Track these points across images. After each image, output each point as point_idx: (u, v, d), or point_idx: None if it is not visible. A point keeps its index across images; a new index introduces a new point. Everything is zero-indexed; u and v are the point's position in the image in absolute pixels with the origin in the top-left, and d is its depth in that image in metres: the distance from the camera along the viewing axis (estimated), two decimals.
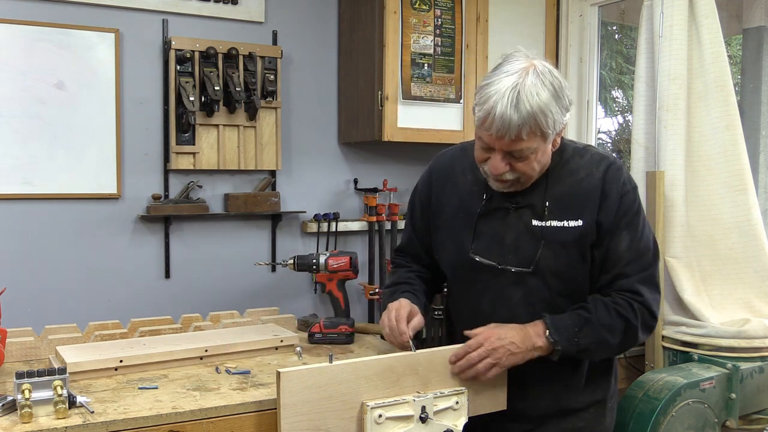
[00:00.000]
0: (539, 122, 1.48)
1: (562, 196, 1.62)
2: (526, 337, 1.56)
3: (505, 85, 1.48)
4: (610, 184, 1.61)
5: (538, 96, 1.47)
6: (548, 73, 1.51)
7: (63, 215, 2.71)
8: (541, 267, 1.61)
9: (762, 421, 2.48)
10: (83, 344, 1.95)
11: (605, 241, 1.60)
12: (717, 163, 2.69)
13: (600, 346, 1.60)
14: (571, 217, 1.61)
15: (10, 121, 2.60)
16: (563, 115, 1.53)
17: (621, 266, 1.60)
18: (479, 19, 3.18)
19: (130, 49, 2.80)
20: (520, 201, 1.64)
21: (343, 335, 2.18)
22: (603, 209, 1.60)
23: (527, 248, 1.62)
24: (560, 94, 1.51)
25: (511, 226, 1.65)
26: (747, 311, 2.65)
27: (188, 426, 1.51)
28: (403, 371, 1.54)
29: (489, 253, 1.66)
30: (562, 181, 1.63)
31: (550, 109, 1.48)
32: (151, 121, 2.85)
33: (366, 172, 3.31)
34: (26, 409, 1.42)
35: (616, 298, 1.60)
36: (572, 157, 1.66)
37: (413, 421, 1.52)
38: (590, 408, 1.72)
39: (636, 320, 1.59)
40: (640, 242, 1.62)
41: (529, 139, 1.50)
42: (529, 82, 1.47)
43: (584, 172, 1.63)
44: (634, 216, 1.62)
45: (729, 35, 3.20)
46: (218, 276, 3.00)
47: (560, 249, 1.61)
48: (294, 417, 1.42)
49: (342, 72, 3.22)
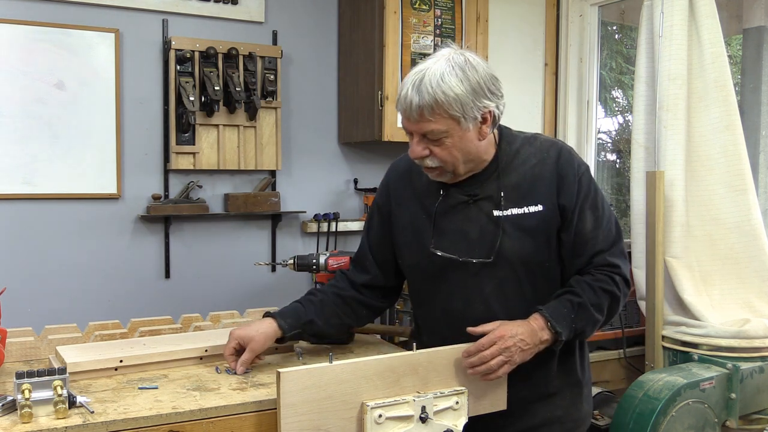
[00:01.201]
0: (441, 103, 1.52)
1: (518, 184, 1.65)
2: (533, 332, 1.57)
3: (415, 71, 1.57)
4: (565, 167, 1.65)
5: (441, 79, 1.52)
6: (464, 62, 1.55)
7: (63, 215, 2.71)
8: (506, 256, 1.63)
9: (762, 421, 2.48)
10: (83, 344, 1.95)
11: (572, 224, 1.63)
12: (717, 163, 2.69)
13: (593, 326, 1.65)
14: (531, 203, 1.63)
15: (10, 121, 2.60)
16: (479, 102, 1.54)
17: (593, 245, 1.64)
18: (479, 19, 3.18)
19: (130, 49, 2.80)
20: (478, 193, 1.66)
21: None
22: (563, 192, 1.63)
23: (492, 239, 1.64)
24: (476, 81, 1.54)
25: (473, 219, 1.66)
26: (747, 311, 2.65)
27: (188, 426, 1.51)
28: (403, 371, 1.54)
29: (454, 248, 1.66)
30: (516, 170, 1.66)
31: (455, 93, 1.51)
32: (151, 121, 2.85)
33: (366, 172, 3.31)
34: (26, 409, 1.42)
35: (596, 275, 1.64)
36: (522, 146, 1.69)
37: (413, 421, 1.52)
38: (566, 394, 1.73)
39: (619, 292, 1.65)
40: (603, 219, 1.66)
41: (436, 121, 1.54)
42: (435, 67, 1.54)
43: (536, 158, 1.66)
44: (594, 195, 1.66)
45: (729, 35, 3.20)
46: (218, 276, 3.00)
47: (523, 236, 1.63)
48: (294, 417, 1.42)
49: (342, 72, 3.22)
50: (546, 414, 1.71)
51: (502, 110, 1.61)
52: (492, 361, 1.55)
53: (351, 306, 1.86)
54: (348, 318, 1.87)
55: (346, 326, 1.92)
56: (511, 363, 1.56)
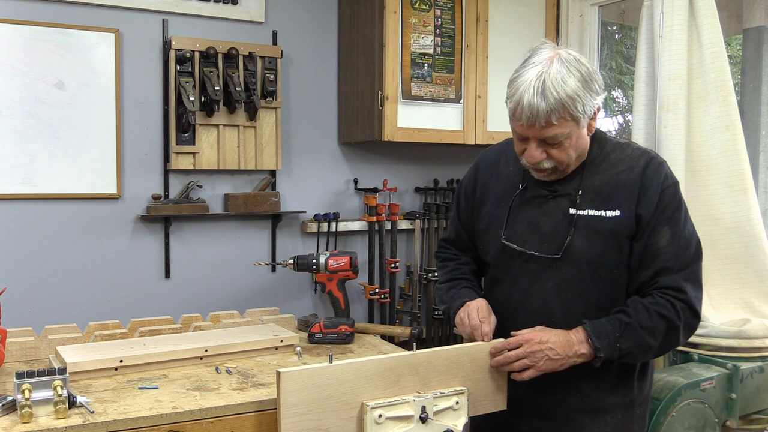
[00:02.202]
0: (567, 107, 1.51)
1: (600, 186, 1.63)
2: (568, 344, 1.56)
3: (531, 76, 1.53)
4: (650, 177, 1.61)
5: (563, 81, 1.50)
6: (574, 60, 1.54)
7: (63, 215, 2.71)
8: (574, 254, 1.61)
9: (762, 421, 2.48)
10: (83, 344, 1.95)
11: (645, 235, 1.59)
12: (717, 163, 2.69)
13: (641, 349, 1.58)
14: (609, 207, 1.61)
15: (10, 121, 2.60)
16: (593, 98, 1.55)
17: (662, 262, 1.58)
18: (479, 19, 3.18)
19: (130, 49, 2.80)
20: (559, 189, 1.66)
21: (343, 335, 2.18)
22: (642, 201, 1.59)
23: (563, 236, 1.63)
24: (588, 78, 1.54)
25: (549, 214, 1.66)
26: (747, 311, 2.64)
27: (188, 426, 1.51)
28: (403, 371, 1.54)
29: (524, 240, 1.67)
30: (602, 172, 1.64)
31: (577, 94, 1.51)
32: (151, 121, 2.85)
33: (366, 172, 3.31)
34: (26, 409, 1.42)
35: (657, 299, 1.58)
36: (613, 151, 1.67)
37: (413, 421, 1.52)
38: (618, 413, 1.67)
39: (679, 320, 1.57)
40: (681, 238, 1.60)
41: (560, 124, 1.53)
42: (554, 69, 1.52)
43: (624, 165, 1.64)
44: (675, 211, 1.61)
45: (729, 35, 3.20)
46: (218, 276, 3.00)
47: (595, 237, 1.61)
48: (294, 417, 1.42)
49: (342, 72, 3.22)
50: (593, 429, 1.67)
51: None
52: (515, 362, 1.57)
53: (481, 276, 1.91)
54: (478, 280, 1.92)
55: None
56: (536, 369, 1.56)
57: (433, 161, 3.44)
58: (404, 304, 3.34)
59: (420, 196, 3.44)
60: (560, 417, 1.67)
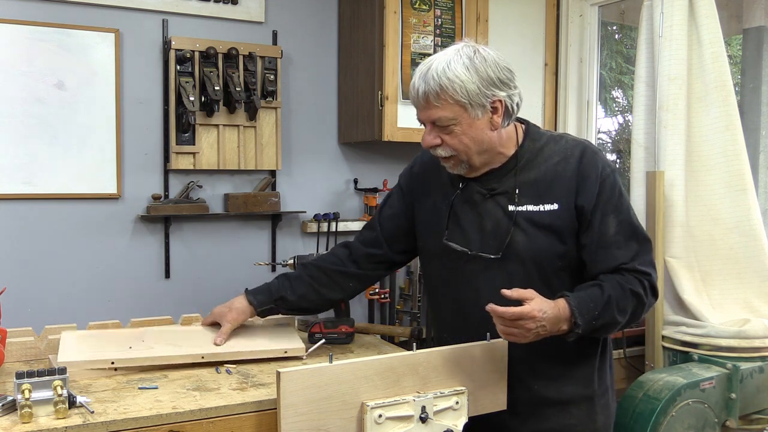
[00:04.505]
0: (445, 89, 1.54)
1: (536, 181, 1.63)
2: (557, 319, 1.51)
3: (423, 62, 1.61)
4: (587, 168, 1.61)
5: (447, 66, 1.54)
6: (473, 52, 1.57)
7: (63, 215, 2.71)
8: (517, 251, 1.62)
9: (762, 421, 2.48)
10: (85, 332, 1.94)
11: (593, 226, 1.59)
12: (717, 163, 2.69)
13: (611, 327, 1.59)
14: (547, 201, 1.61)
15: (10, 121, 2.60)
16: (487, 90, 1.55)
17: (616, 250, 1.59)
18: (479, 19, 3.17)
19: (130, 49, 2.80)
20: (496, 187, 1.66)
21: (343, 335, 2.18)
22: (582, 193, 1.60)
23: (504, 234, 1.63)
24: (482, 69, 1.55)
25: (489, 214, 1.66)
26: (747, 311, 2.65)
27: (188, 426, 1.51)
28: (403, 371, 1.54)
29: (468, 241, 1.67)
30: (537, 167, 1.64)
31: (460, 78, 1.53)
32: (151, 121, 2.85)
33: (366, 172, 3.31)
34: (26, 409, 1.42)
35: (627, 276, 1.59)
36: (547, 144, 1.67)
37: (413, 421, 1.52)
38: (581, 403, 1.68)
39: (646, 297, 1.59)
40: (629, 224, 1.61)
41: (442, 107, 1.56)
42: (441, 56, 1.58)
43: (559, 157, 1.64)
44: (618, 199, 1.61)
45: (729, 35, 3.20)
46: (218, 276, 3.00)
47: (536, 232, 1.61)
48: (294, 417, 1.42)
49: (342, 72, 3.22)
50: (559, 420, 1.67)
51: (516, 102, 1.60)
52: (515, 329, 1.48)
53: (334, 279, 1.90)
54: (330, 291, 1.90)
55: (328, 300, 1.93)
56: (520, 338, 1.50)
57: None
58: (404, 304, 3.34)
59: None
60: (525, 411, 1.67)
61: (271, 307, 1.89)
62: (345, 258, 1.91)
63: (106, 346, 1.85)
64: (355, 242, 1.93)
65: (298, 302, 1.89)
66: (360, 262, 1.89)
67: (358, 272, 1.90)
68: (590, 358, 1.69)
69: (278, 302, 1.88)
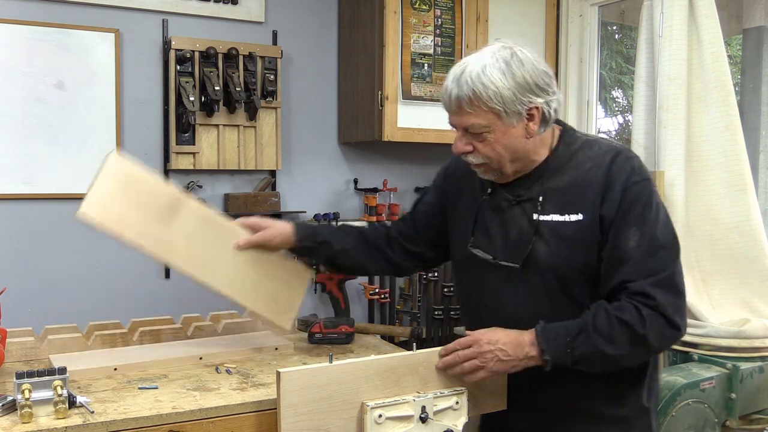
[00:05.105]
0: (479, 95, 1.47)
1: (565, 189, 1.54)
2: (519, 345, 1.49)
3: (457, 64, 1.54)
4: (615, 175, 1.50)
5: (482, 71, 1.47)
6: (510, 55, 1.49)
7: (63, 215, 2.71)
8: (537, 263, 1.54)
9: (762, 421, 2.48)
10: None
11: (611, 237, 1.48)
12: (717, 163, 2.69)
13: (598, 357, 1.47)
14: (573, 211, 1.52)
15: (11, 121, 2.60)
16: (524, 96, 1.48)
17: (630, 266, 1.46)
18: (479, 19, 3.18)
19: (130, 49, 2.80)
20: (522, 194, 1.59)
21: (343, 335, 2.18)
22: (606, 202, 1.49)
23: (526, 242, 1.56)
24: (519, 74, 1.47)
25: (514, 221, 1.59)
26: (747, 311, 2.64)
27: (188, 426, 1.51)
28: (403, 371, 1.54)
29: (493, 248, 1.62)
30: (566, 173, 1.55)
31: (495, 85, 1.46)
32: (151, 121, 2.85)
33: (366, 172, 3.31)
34: (26, 409, 1.42)
35: (623, 303, 1.46)
36: (580, 149, 1.57)
37: (413, 421, 1.52)
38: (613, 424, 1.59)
39: (642, 328, 1.43)
40: (653, 239, 1.46)
41: (475, 114, 1.50)
42: (477, 59, 1.50)
43: (590, 164, 1.54)
44: (643, 209, 1.48)
45: (729, 35, 3.20)
46: None
47: (560, 244, 1.52)
48: (294, 417, 1.42)
49: (342, 72, 3.22)
50: None
51: (554, 107, 1.52)
52: (465, 363, 1.52)
53: (372, 252, 1.89)
54: (366, 260, 1.89)
55: (361, 266, 1.92)
56: (486, 370, 1.51)
57: (433, 161, 3.43)
58: (404, 304, 3.34)
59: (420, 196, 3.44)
60: (554, 418, 1.63)
61: (311, 247, 1.86)
62: (384, 238, 1.91)
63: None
64: (393, 229, 1.93)
65: (337, 255, 1.87)
66: (394, 249, 1.89)
67: (391, 257, 1.89)
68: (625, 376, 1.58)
69: (321, 245, 1.85)
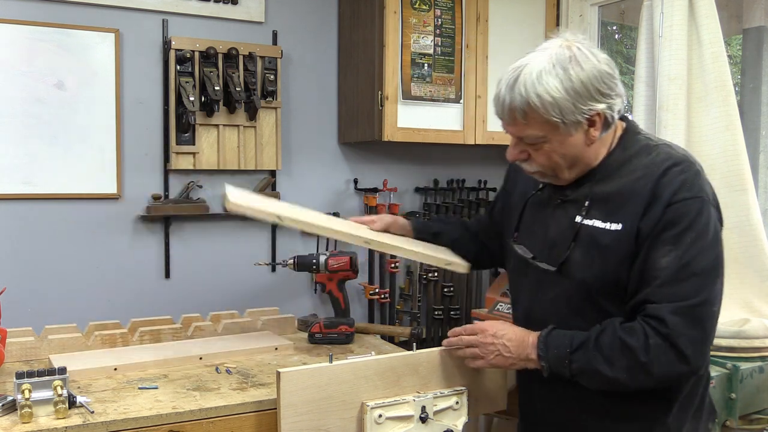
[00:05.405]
0: (534, 107, 1.37)
1: (611, 195, 1.44)
2: (522, 345, 1.46)
3: (513, 66, 1.42)
4: (663, 187, 1.37)
5: (538, 79, 1.36)
6: (569, 58, 1.37)
7: (63, 215, 2.71)
8: (570, 270, 1.46)
9: (762, 421, 2.47)
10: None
11: (643, 254, 1.38)
12: (717, 163, 2.69)
13: (593, 374, 1.40)
14: (615, 220, 1.41)
15: (10, 121, 2.60)
16: (583, 104, 1.37)
17: (654, 287, 1.35)
18: (479, 19, 3.18)
19: (130, 49, 2.80)
20: (569, 194, 1.51)
21: (343, 335, 2.18)
22: (647, 215, 1.37)
23: (564, 246, 1.48)
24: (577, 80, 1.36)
25: (557, 221, 1.52)
26: (747, 311, 2.64)
27: (188, 426, 1.51)
28: (403, 371, 1.55)
29: (534, 246, 1.57)
30: (616, 180, 1.44)
31: (553, 96, 1.35)
32: (151, 121, 2.85)
33: (366, 172, 3.31)
34: (26, 409, 1.42)
35: (635, 325, 1.37)
36: (636, 155, 1.46)
37: (413, 421, 1.52)
38: None
39: (645, 355, 1.33)
40: (686, 264, 1.34)
41: (530, 125, 1.40)
42: (533, 63, 1.38)
43: (642, 172, 1.42)
44: (683, 230, 1.35)
45: (729, 35, 3.20)
46: (218, 276, 3.00)
47: (595, 252, 1.43)
48: (294, 417, 1.42)
49: (342, 72, 3.22)
50: None
51: (617, 109, 1.43)
52: (466, 349, 1.54)
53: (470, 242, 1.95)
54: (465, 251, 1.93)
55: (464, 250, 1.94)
56: (485, 361, 1.51)
57: (433, 161, 3.44)
58: (404, 304, 3.34)
59: (420, 196, 3.44)
60: None
61: (425, 238, 1.94)
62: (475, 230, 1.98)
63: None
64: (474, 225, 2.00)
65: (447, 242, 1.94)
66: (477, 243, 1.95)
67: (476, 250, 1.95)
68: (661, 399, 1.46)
69: (435, 236, 1.95)
